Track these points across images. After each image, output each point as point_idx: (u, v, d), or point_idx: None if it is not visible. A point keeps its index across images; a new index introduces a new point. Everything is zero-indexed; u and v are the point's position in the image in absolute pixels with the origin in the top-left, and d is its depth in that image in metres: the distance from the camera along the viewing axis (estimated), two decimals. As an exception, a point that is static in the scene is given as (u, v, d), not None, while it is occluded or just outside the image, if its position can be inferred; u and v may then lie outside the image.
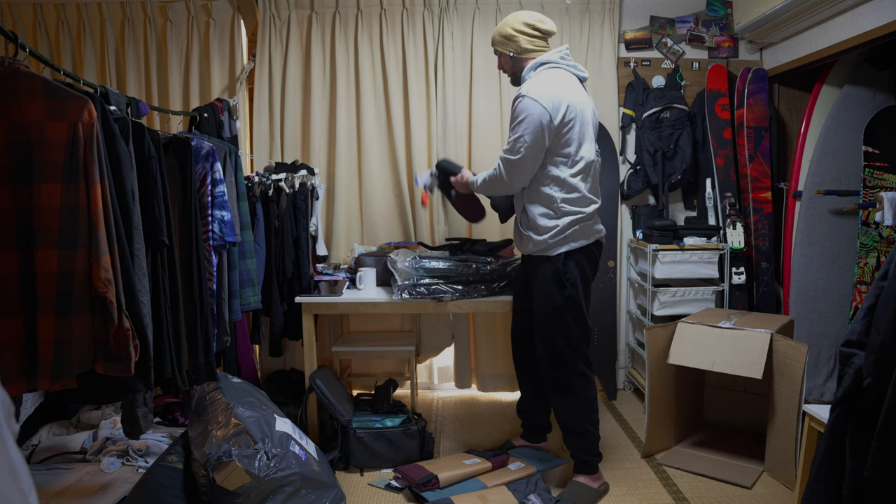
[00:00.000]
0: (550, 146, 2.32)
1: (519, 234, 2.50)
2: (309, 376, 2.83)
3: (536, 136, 2.27)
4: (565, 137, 2.31)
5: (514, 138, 2.29)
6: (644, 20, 3.63)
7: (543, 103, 2.26)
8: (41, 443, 2.67)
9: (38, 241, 1.48)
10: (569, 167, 2.34)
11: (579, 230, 2.36)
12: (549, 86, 2.31)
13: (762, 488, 2.50)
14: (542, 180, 2.37)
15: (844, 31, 2.83)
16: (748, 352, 2.50)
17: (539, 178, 2.37)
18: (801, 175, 3.33)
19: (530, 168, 2.34)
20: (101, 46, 3.51)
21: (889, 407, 1.24)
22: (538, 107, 2.25)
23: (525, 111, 2.26)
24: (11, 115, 1.46)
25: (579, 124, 2.32)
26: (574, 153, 2.33)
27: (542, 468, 2.63)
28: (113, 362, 1.56)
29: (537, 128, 2.26)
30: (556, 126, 2.28)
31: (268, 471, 2.05)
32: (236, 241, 2.46)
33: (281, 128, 3.55)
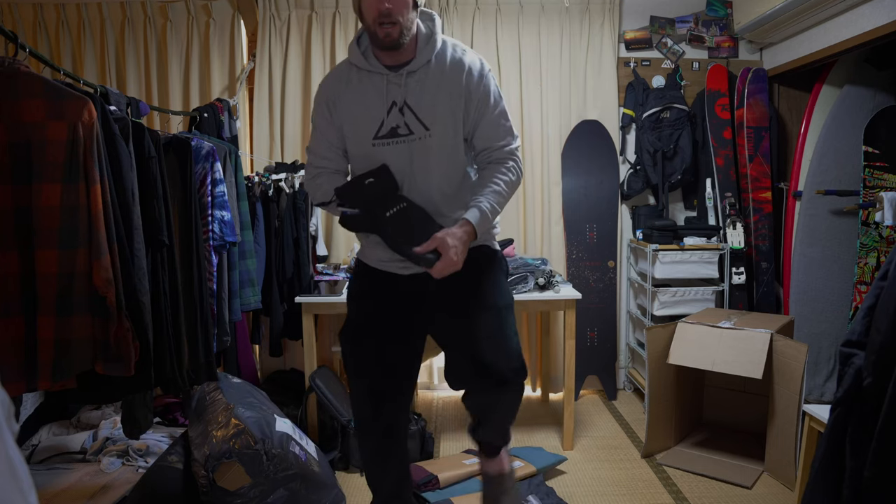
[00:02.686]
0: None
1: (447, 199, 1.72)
2: (309, 376, 2.83)
3: None
4: None
5: (511, 121, 1.72)
6: (644, 20, 3.63)
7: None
8: (41, 443, 2.67)
9: (38, 242, 1.48)
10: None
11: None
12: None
13: (762, 488, 2.50)
14: (468, 160, 1.77)
15: (844, 31, 2.83)
16: (748, 352, 2.50)
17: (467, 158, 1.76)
18: (801, 175, 3.33)
19: None
20: (101, 46, 3.51)
21: (889, 407, 1.24)
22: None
23: (494, 81, 1.70)
24: (11, 115, 1.46)
25: None
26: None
27: (542, 467, 2.63)
28: (113, 362, 1.56)
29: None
30: None
31: (268, 471, 2.05)
32: (236, 241, 2.47)
33: (281, 128, 3.55)
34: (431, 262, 1.55)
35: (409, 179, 1.64)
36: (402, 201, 1.61)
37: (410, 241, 1.56)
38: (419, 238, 1.55)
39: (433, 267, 1.55)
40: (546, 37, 3.55)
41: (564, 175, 3.59)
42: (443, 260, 1.54)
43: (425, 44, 1.62)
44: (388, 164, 1.62)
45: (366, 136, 1.62)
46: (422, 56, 1.60)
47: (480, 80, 1.64)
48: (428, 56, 1.60)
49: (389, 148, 1.62)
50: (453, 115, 1.62)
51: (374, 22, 1.51)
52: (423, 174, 1.63)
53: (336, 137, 1.68)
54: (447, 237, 1.55)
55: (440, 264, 1.54)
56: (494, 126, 1.67)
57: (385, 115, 1.60)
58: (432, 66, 1.61)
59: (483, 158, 1.70)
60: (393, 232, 1.58)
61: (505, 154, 1.68)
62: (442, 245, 1.54)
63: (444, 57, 1.62)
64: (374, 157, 1.62)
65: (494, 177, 1.66)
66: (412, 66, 1.60)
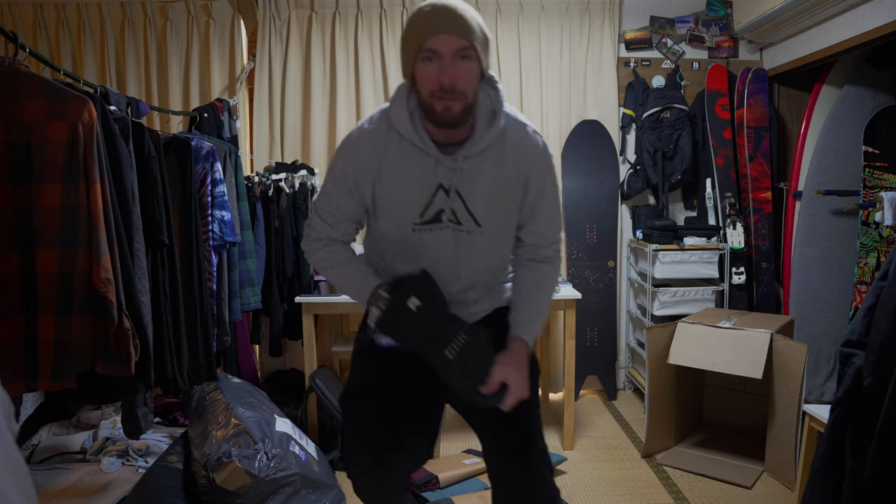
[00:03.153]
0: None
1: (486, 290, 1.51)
2: (309, 376, 2.83)
3: None
4: None
5: (560, 212, 1.53)
6: (644, 20, 3.63)
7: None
8: (41, 443, 2.67)
9: (38, 242, 1.48)
10: None
11: None
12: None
13: (762, 488, 2.50)
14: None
15: (844, 31, 2.83)
16: (748, 352, 2.50)
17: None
18: (801, 175, 3.33)
19: None
20: (101, 46, 3.51)
21: (889, 407, 1.24)
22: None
23: (553, 168, 1.46)
24: (11, 115, 1.46)
25: None
26: None
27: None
28: (113, 362, 1.56)
29: None
30: None
31: (268, 471, 2.05)
32: (236, 241, 2.47)
33: (281, 128, 3.55)
34: (500, 398, 1.33)
35: (449, 263, 1.40)
36: (459, 333, 1.33)
37: (476, 381, 1.33)
38: (483, 374, 1.33)
39: (503, 402, 1.34)
40: (546, 37, 3.55)
41: (564, 175, 3.59)
42: (513, 394, 1.33)
43: (487, 123, 1.33)
44: (429, 249, 1.38)
45: (406, 220, 1.36)
46: (482, 139, 1.31)
47: (543, 171, 1.39)
48: (490, 140, 1.31)
49: (431, 233, 1.37)
50: (508, 213, 1.39)
51: (430, 95, 1.23)
52: (467, 262, 1.41)
53: (356, 211, 1.42)
54: (511, 370, 1.34)
55: (511, 399, 1.33)
56: (548, 222, 1.44)
57: (430, 197, 1.34)
58: (491, 150, 1.33)
59: (527, 253, 1.48)
60: (455, 375, 1.33)
61: (553, 252, 1.48)
62: (507, 379, 1.33)
63: (505, 138, 1.34)
64: (412, 242, 1.38)
65: (542, 281, 1.46)
66: (469, 149, 1.31)
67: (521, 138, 1.36)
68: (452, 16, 1.20)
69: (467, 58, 1.22)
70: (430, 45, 1.19)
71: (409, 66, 1.26)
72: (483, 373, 1.32)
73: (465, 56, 1.21)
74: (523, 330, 1.41)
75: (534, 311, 1.44)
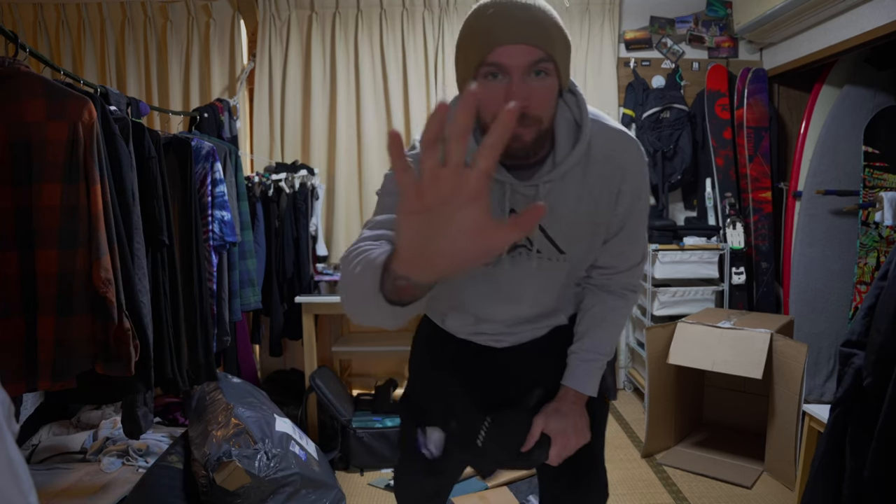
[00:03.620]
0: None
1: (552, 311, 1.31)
2: (309, 376, 2.83)
3: None
4: None
5: (646, 234, 1.26)
6: (644, 20, 3.63)
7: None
8: (41, 443, 2.67)
9: (38, 242, 1.48)
10: None
11: None
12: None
13: (762, 488, 2.50)
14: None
15: (844, 31, 2.83)
16: (748, 352, 2.50)
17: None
18: (801, 175, 3.33)
19: None
20: (101, 46, 3.51)
21: (889, 407, 1.24)
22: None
23: (648, 180, 1.22)
24: (12, 115, 1.46)
25: None
26: None
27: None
28: (113, 362, 1.56)
29: None
30: None
31: (268, 471, 2.05)
32: (236, 242, 2.47)
33: (281, 128, 3.55)
34: (544, 454, 1.18)
35: (516, 290, 1.19)
36: (483, 419, 1.20)
37: (513, 450, 1.19)
38: (519, 438, 1.19)
39: (549, 457, 1.18)
40: (546, 37, 3.55)
41: (564, 175, 3.59)
42: (557, 445, 1.17)
43: (570, 138, 1.08)
44: (494, 280, 1.17)
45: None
46: (565, 160, 1.06)
47: (637, 183, 1.14)
48: (573, 162, 1.07)
49: (499, 265, 1.15)
50: (596, 235, 1.16)
51: (494, 120, 0.95)
52: (541, 289, 1.20)
53: None
54: (554, 422, 1.17)
55: (555, 451, 1.17)
56: (631, 242, 1.20)
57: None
58: (577, 167, 1.09)
59: (598, 279, 1.25)
60: (491, 455, 1.20)
61: (628, 283, 1.25)
62: (550, 431, 1.17)
63: (591, 150, 1.09)
64: (484, 274, 1.17)
65: (607, 316, 1.24)
66: (548, 173, 1.06)
67: (611, 147, 1.10)
68: (524, 19, 0.93)
69: (543, 73, 0.95)
70: (495, 58, 0.93)
71: (467, 81, 1.00)
72: (519, 435, 1.18)
73: (541, 71, 0.94)
74: (574, 377, 1.22)
75: (590, 353, 1.22)
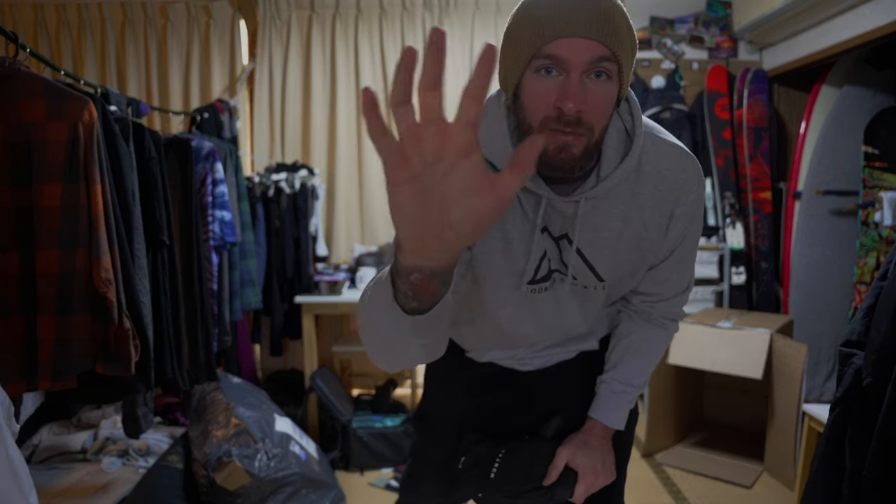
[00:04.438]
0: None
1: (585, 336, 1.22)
2: (309, 376, 2.83)
3: None
4: None
5: (694, 261, 1.13)
6: (644, 20, 3.63)
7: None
8: (41, 443, 2.67)
9: (38, 242, 1.48)
10: None
11: None
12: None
13: (762, 488, 2.50)
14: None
15: (844, 31, 2.83)
16: (748, 352, 2.51)
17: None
18: (800, 175, 3.33)
19: None
20: (102, 47, 3.51)
21: (889, 407, 1.24)
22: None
23: (703, 203, 1.09)
24: (12, 115, 1.46)
25: None
26: None
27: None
28: (113, 362, 1.56)
29: None
30: None
31: (268, 471, 2.06)
32: (237, 242, 2.47)
33: (281, 128, 3.56)
34: (570, 490, 1.09)
35: (547, 322, 1.09)
36: (498, 452, 1.13)
37: (529, 483, 1.10)
38: (539, 470, 1.10)
39: (575, 495, 1.09)
40: (546, 37, 3.55)
41: (564, 175, 3.59)
42: (585, 482, 1.07)
43: (619, 150, 0.94)
44: (527, 310, 1.06)
45: (504, 279, 1.01)
46: (613, 175, 0.93)
47: (692, 206, 1.02)
48: (620, 177, 0.93)
49: (541, 294, 1.04)
50: (643, 261, 1.03)
51: (543, 124, 0.84)
52: (574, 318, 1.10)
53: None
54: (577, 455, 1.08)
55: (581, 488, 1.07)
56: (679, 269, 1.08)
57: (535, 259, 0.98)
58: (624, 184, 0.96)
59: (643, 306, 1.14)
60: (506, 488, 1.12)
61: (670, 313, 1.14)
62: (575, 464, 1.08)
63: (641, 165, 0.96)
64: (518, 304, 1.05)
65: (643, 347, 1.13)
66: (592, 188, 0.93)
67: (666, 164, 0.97)
68: (592, 9, 0.80)
69: (605, 75, 0.83)
70: (553, 49, 0.81)
71: (515, 77, 0.86)
72: (540, 471, 1.09)
73: (602, 72, 0.83)
74: (604, 409, 1.12)
75: (622, 384, 1.12)
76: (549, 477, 1.08)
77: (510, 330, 1.09)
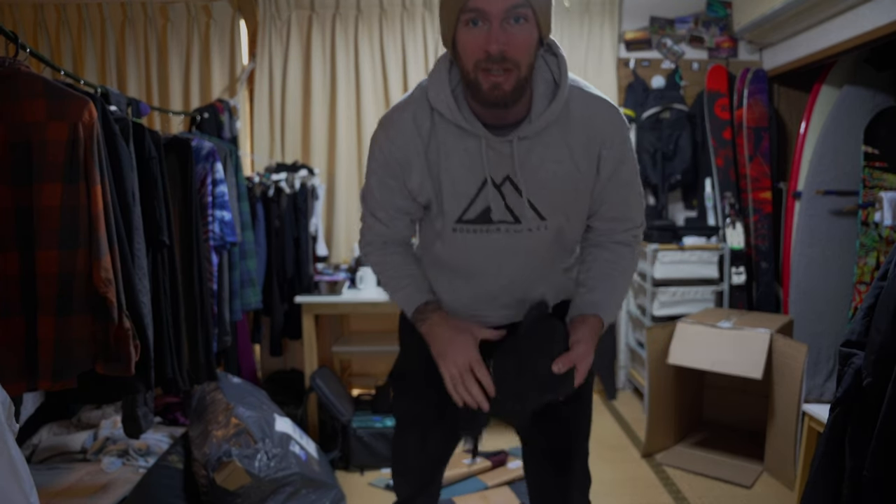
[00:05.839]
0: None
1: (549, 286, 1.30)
2: (309, 376, 2.83)
3: None
4: None
5: (640, 191, 1.26)
6: (644, 20, 3.63)
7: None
8: (42, 442, 2.67)
9: (38, 242, 1.48)
10: None
11: None
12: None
13: (762, 488, 2.50)
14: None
15: (844, 31, 2.83)
16: (748, 352, 2.51)
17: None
18: (800, 175, 3.33)
19: None
20: (102, 47, 3.51)
21: (889, 407, 1.24)
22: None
23: (631, 144, 1.23)
24: (12, 115, 1.46)
25: None
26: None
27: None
28: (113, 362, 1.56)
29: None
30: None
31: (268, 471, 2.06)
32: (237, 242, 2.47)
33: (281, 128, 3.56)
34: (570, 384, 1.14)
35: (503, 272, 1.21)
36: (487, 362, 1.15)
37: (533, 378, 1.12)
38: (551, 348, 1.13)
39: (571, 387, 1.15)
40: (546, 37, 3.56)
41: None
42: (580, 373, 1.14)
43: (548, 97, 1.10)
44: (475, 256, 1.19)
45: (444, 215, 1.16)
46: (541, 116, 1.09)
47: (619, 144, 1.15)
48: (551, 117, 1.09)
49: (475, 236, 1.16)
50: (579, 196, 1.17)
51: (475, 67, 1.01)
52: (529, 263, 1.21)
53: (405, 203, 1.20)
54: (581, 347, 1.14)
55: (578, 379, 1.15)
56: (625, 202, 1.22)
57: (473, 193, 1.13)
58: (555, 128, 1.11)
59: (598, 238, 1.27)
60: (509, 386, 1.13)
61: (630, 237, 1.25)
62: (579, 360, 1.14)
63: (570, 111, 1.11)
64: (451, 243, 1.19)
65: (618, 261, 1.24)
66: (526, 129, 1.09)
67: (591, 111, 1.12)
68: None
69: (522, 19, 0.99)
70: (476, 4, 0.98)
71: (449, 31, 1.04)
72: (551, 349, 1.12)
73: (520, 17, 0.99)
74: (599, 306, 1.19)
75: (608, 289, 1.21)
76: (560, 365, 1.11)
77: (465, 268, 1.22)
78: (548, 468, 1.35)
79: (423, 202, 1.18)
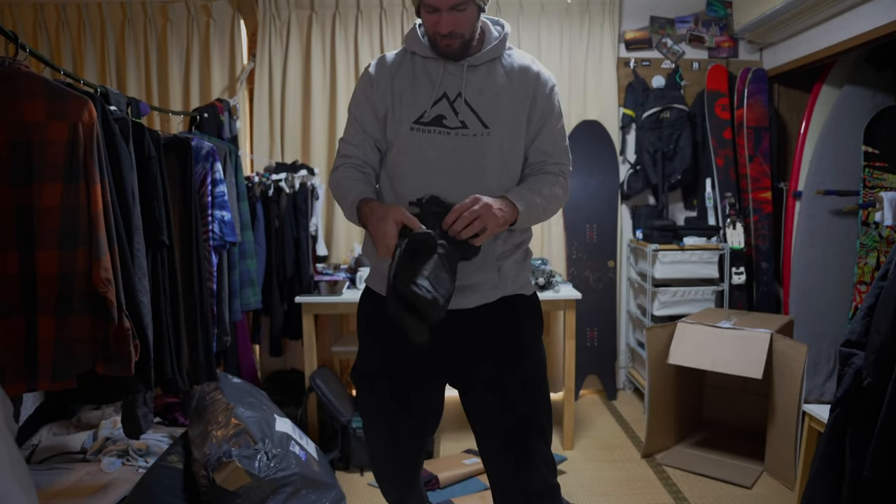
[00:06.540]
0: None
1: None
2: (309, 376, 2.83)
3: None
4: None
5: (567, 143, 1.56)
6: (644, 20, 3.63)
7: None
8: (41, 443, 2.67)
9: (38, 242, 1.48)
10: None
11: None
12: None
13: (762, 488, 2.50)
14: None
15: (844, 31, 2.83)
16: (748, 352, 2.50)
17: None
18: (801, 175, 3.33)
19: None
20: (102, 47, 3.51)
21: (889, 407, 1.24)
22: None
23: (559, 101, 1.53)
24: (12, 115, 1.46)
25: None
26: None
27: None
28: (113, 362, 1.56)
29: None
30: None
31: (268, 471, 2.05)
32: (236, 242, 2.47)
33: (281, 128, 3.56)
34: (475, 249, 1.33)
35: (455, 175, 1.41)
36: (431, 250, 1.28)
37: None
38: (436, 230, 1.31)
39: (478, 238, 1.31)
40: (546, 37, 3.56)
41: (564, 175, 3.59)
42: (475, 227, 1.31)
43: (492, 42, 1.47)
44: (430, 156, 1.41)
45: (404, 119, 1.42)
46: (487, 52, 1.45)
47: (548, 92, 1.48)
48: (494, 54, 1.46)
49: (429, 136, 1.41)
50: (516, 118, 1.44)
51: (434, 35, 1.40)
52: (476, 172, 1.42)
53: (371, 124, 1.48)
54: (478, 200, 1.32)
55: (453, 216, 1.31)
56: (553, 142, 1.50)
57: (431, 102, 1.42)
58: (497, 66, 1.46)
59: (532, 169, 1.51)
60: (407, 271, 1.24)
61: (558, 170, 1.51)
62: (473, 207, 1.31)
63: (512, 60, 1.48)
64: (408, 144, 1.42)
65: (545, 182, 1.47)
66: (474, 59, 1.44)
67: (525, 61, 1.50)
68: None
69: (463, 8, 1.35)
70: (429, 1, 1.35)
71: (416, 9, 1.42)
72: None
73: (461, 8, 1.35)
74: (513, 192, 1.41)
75: (525, 187, 1.45)
76: (451, 221, 1.30)
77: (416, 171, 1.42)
78: (508, 460, 1.47)
79: (382, 114, 1.46)
